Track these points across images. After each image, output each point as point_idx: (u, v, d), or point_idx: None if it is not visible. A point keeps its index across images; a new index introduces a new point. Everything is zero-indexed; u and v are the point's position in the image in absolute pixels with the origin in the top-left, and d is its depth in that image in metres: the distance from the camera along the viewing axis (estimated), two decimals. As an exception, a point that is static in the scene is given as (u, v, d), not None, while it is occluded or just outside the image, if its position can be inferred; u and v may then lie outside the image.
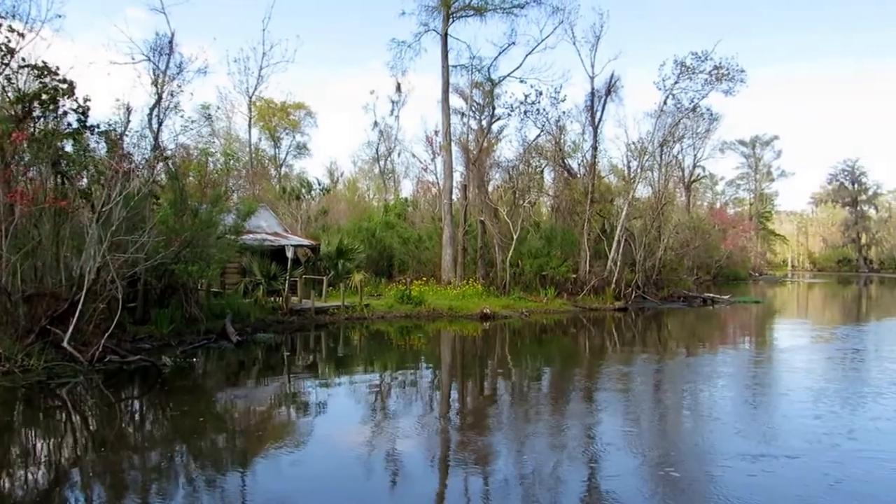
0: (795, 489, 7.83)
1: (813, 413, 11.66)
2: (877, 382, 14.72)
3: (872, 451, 9.28)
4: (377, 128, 61.82)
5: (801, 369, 16.91)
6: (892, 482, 8.16)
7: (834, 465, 8.69)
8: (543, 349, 21.92)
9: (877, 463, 8.77)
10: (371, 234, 38.24)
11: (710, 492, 7.80)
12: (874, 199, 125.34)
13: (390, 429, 10.98)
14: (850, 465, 8.71)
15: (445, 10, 34.63)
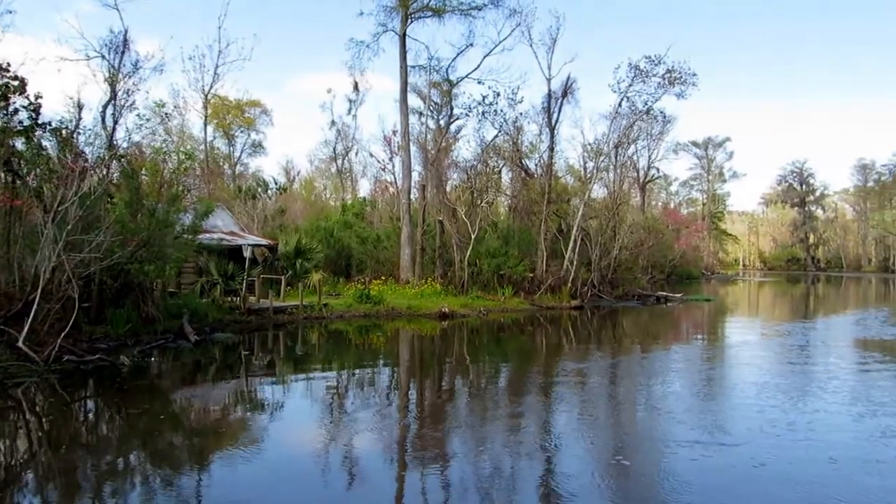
0: (728, 472, 8.52)
1: (758, 405, 12.34)
2: (820, 377, 15.58)
3: (806, 440, 9.98)
4: (334, 127, 61.90)
5: (748, 364, 17.80)
6: (814, 463, 8.86)
7: (769, 450, 9.39)
8: (501, 347, 22.50)
9: (806, 450, 9.48)
10: (329, 233, 38.33)
11: (654, 476, 8.47)
12: (821, 199, 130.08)
13: (348, 428, 11.09)
14: (783, 450, 9.42)
15: (404, 11, 34.98)
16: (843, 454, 9.19)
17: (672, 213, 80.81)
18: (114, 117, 21.36)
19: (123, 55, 22.49)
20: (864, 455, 9.19)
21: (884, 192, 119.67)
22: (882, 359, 19.11)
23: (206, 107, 44.01)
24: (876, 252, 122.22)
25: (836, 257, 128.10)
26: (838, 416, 11.50)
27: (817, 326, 28.81)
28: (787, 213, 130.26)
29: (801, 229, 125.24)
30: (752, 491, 7.85)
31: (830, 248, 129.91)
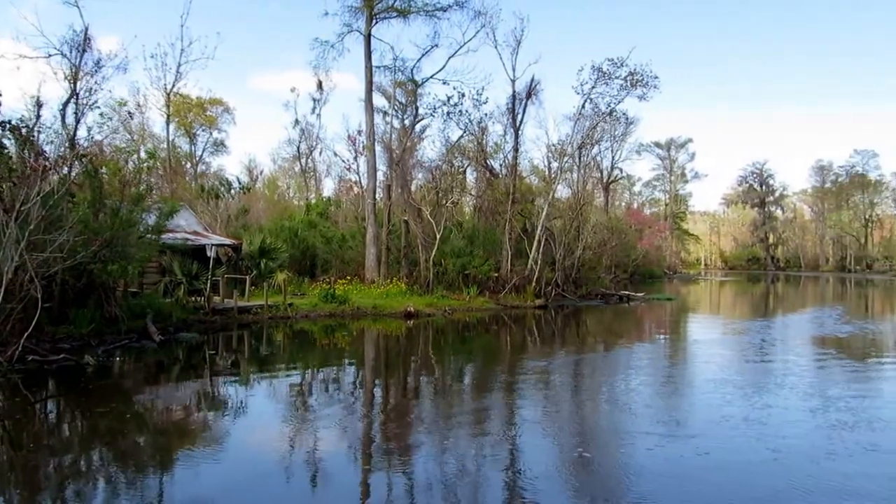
0: (681, 461, 9.12)
1: (715, 400, 12.95)
2: (776, 373, 16.40)
3: (756, 431, 10.56)
4: (298, 126, 61.84)
5: (708, 361, 18.57)
6: (760, 453, 9.43)
7: (721, 441, 10.03)
8: (466, 346, 23.01)
9: (756, 441, 10.04)
10: (293, 233, 38.43)
11: (613, 466, 9.10)
12: (781, 200, 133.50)
13: (313, 427, 11.22)
14: (734, 441, 10.04)
15: (368, 12, 35.27)
16: (790, 445, 9.76)
17: (635, 213, 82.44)
18: (76, 116, 21.30)
19: (84, 53, 22.40)
20: (811, 446, 9.73)
21: (840, 193, 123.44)
22: (836, 355, 19.98)
23: (169, 105, 43.69)
24: (833, 252, 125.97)
25: (794, 257, 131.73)
26: (792, 410, 12.05)
27: (775, 324, 29.86)
28: (747, 214, 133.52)
29: (761, 229, 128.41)
30: (700, 477, 8.49)
31: (789, 247, 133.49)
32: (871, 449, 9.62)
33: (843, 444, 9.84)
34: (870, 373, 16.94)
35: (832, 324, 28.69)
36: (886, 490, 7.97)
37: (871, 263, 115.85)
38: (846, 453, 9.39)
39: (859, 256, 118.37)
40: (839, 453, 9.39)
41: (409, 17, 36.25)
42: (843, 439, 10.07)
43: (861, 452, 9.45)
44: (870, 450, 9.58)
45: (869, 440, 10.02)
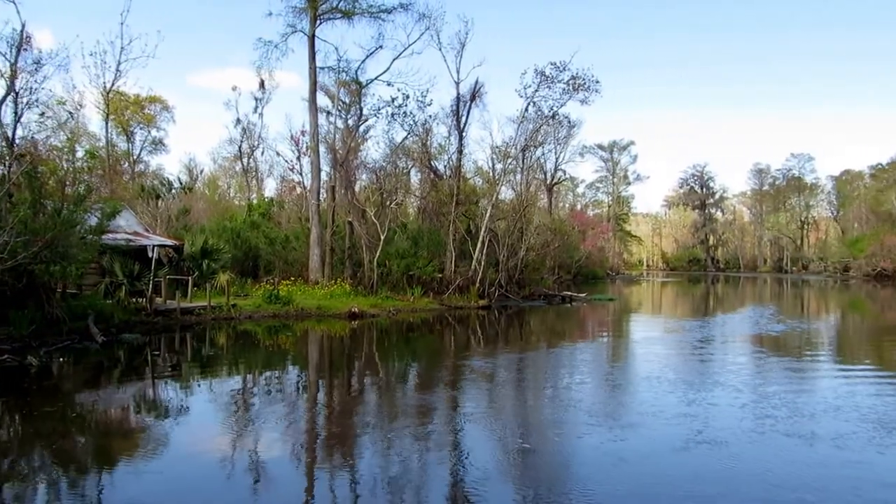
0: (615, 451, 9.96)
1: (652, 395, 13.94)
2: (712, 370, 17.78)
3: (688, 423, 11.56)
4: (240, 125, 61.76)
5: (646, 359, 19.79)
6: (688, 441, 10.47)
7: (654, 433, 10.99)
8: (411, 346, 23.90)
9: (685, 430, 11.06)
10: (236, 234, 38.68)
11: (551, 456, 10.08)
12: (720, 202, 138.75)
13: (255, 429, 11.33)
14: (666, 431, 11.01)
15: (313, 13, 35.81)
16: (717, 434, 10.75)
17: (578, 214, 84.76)
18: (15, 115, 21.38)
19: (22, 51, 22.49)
20: (736, 436, 10.70)
21: (778, 196, 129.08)
22: (768, 352, 21.63)
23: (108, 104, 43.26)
24: (771, 253, 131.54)
25: (734, 258, 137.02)
26: (725, 405, 12.95)
27: (712, 324, 31.47)
28: (688, 215, 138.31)
29: (702, 231, 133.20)
30: (633, 463, 9.42)
31: (729, 249, 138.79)
32: (788, 435, 10.75)
33: (766, 433, 10.89)
34: (797, 368, 18.31)
35: (765, 322, 30.64)
36: (806, 476, 8.87)
37: (806, 264, 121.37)
38: (768, 441, 10.41)
39: (796, 257, 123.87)
40: (762, 441, 10.40)
41: (354, 19, 36.95)
42: (767, 429, 11.13)
43: (782, 440, 10.50)
44: (789, 436, 10.71)
45: (791, 429, 11.07)
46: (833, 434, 10.74)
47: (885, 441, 10.43)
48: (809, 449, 10.07)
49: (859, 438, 10.55)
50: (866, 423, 11.49)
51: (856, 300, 54.09)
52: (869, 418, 11.78)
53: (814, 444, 10.26)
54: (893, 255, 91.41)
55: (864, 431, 10.93)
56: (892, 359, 21.42)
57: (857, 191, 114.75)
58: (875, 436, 10.69)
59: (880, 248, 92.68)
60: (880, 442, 10.39)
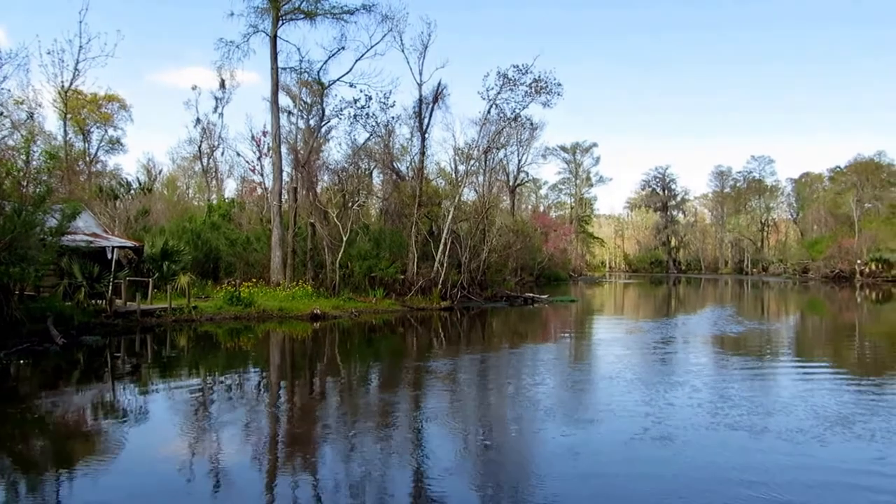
0: (571, 445, 10.69)
1: (612, 394, 14.71)
2: (672, 370, 18.68)
3: (644, 418, 12.36)
4: (200, 125, 61.63)
5: (607, 359, 20.65)
6: (643, 434, 11.27)
7: (609, 426, 11.82)
8: (373, 347, 24.47)
9: (641, 424, 11.87)
10: (196, 235, 38.81)
11: (511, 451, 10.82)
12: (682, 204, 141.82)
13: (216, 433, 11.41)
14: (623, 426, 11.78)
15: (275, 13, 36.21)
16: (672, 431, 11.44)
17: (541, 216, 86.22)
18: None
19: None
20: (688, 428, 11.54)
21: (739, 198, 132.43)
22: (727, 352, 22.70)
23: (66, 103, 43.00)
24: (732, 255, 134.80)
25: (695, 259, 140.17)
26: (682, 403, 13.64)
27: (673, 324, 32.64)
28: (650, 217, 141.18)
29: (664, 233, 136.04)
30: (585, 457, 10.17)
31: (690, 250, 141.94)
32: (736, 429, 11.65)
33: (718, 427, 11.71)
34: (755, 368, 19.24)
35: (725, 324, 31.83)
36: (749, 463, 9.76)
37: (766, 266, 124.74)
38: (719, 435, 11.24)
39: (756, 259, 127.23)
40: (712, 435, 11.22)
41: (316, 20, 37.41)
42: (719, 423, 11.97)
43: (732, 433, 11.35)
44: (737, 429, 11.60)
45: (742, 424, 11.92)
46: (782, 429, 11.54)
47: (829, 435, 11.24)
48: (756, 441, 10.89)
49: (807, 433, 11.33)
50: (817, 419, 12.30)
51: (814, 301, 56.11)
52: (820, 415, 12.58)
53: (761, 437, 11.10)
54: (850, 258, 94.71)
55: (813, 426, 11.71)
56: (848, 358, 22.61)
57: (816, 193, 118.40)
58: (823, 431, 11.47)
59: (838, 251, 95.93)
60: (824, 436, 11.20)
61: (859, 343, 26.88)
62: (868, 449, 10.50)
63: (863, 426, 11.72)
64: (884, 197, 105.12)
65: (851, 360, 22.21)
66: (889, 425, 11.81)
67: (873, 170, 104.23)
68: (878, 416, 12.47)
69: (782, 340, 27.27)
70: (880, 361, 21.79)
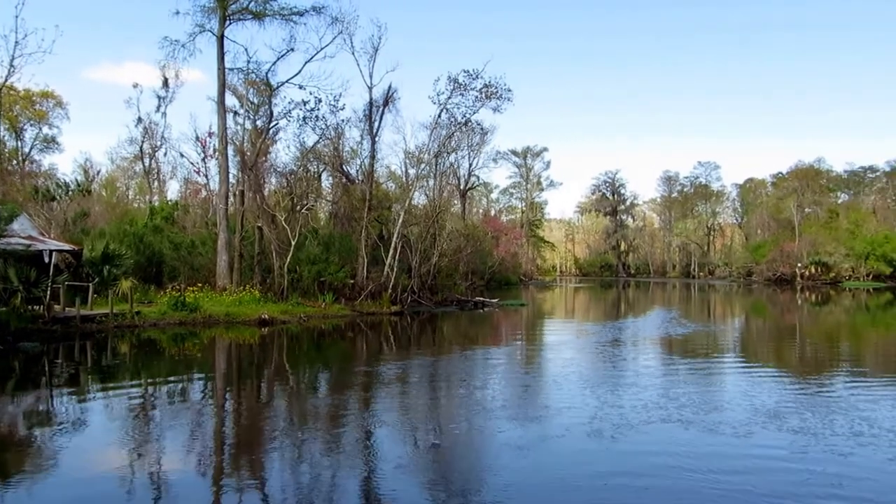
0: (515, 441, 11.29)
1: (559, 394, 15.29)
2: (619, 370, 19.50)
3: (588, 416, 12.89)
4: (141, 124, 60.45)
5: (555, 362, 21.36)
6: (581, 430, 11.98)
7: (553, 424, 12.41)
8: (322, 353, 24.65)
9: (586, 421, 12.51)
10: (138, 238, 38.17)
11: (459, 449, 11.25)
12: (631, 209, 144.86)
13: (157, 443, 11.20)
14: (564, 422, 12.41)
15: (221, 13, 35.86)
16: (612, 426, 12.12)
17: (492, 220, 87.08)
18: None
19: None
20: (630, 426, 12.12)
21: (686, 203, 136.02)
22: (672, 353, 23.73)
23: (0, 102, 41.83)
24: (679, 258, 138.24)
25: (644, 263, 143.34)
26: (625, 402, 14.31)
27: (621, 327, 33.75)
28: (600, 221, 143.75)
29: (613, 237, 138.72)
30: (529, 451, 10.74)
31: (640, 254, 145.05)
32: (669, 422, 12.47)
33: (654, 422, 12.42)
34: (699, 368, 20.21)
35: (672, 326, 33.09)
36: (675, 453, 10.54)
37: (713, 269, 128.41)
38: (654, 429, 11.97)
39: (703, 263, 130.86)
40: (648, 430, 11.92)
41: (265, 20, 37.18)
42: (655, 419, 12.67)
43: (666, 427, 12.14)
44: (670, 422, 12.42)
45: (679, 419, 12.69)
46: (714, 423, 12.34)
47: (757, 428, 12.05)
48: (685, 433, 11.69)
49: (738, 426, 12.13)
50: (749, 413, 13.15)
51: (756, 304, 58.23)
52: (755, 411, 13.37)
53: (689, 430, 11.90)
54: (791, 261, 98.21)
55: (744, 421, 12.53)
56: (786, 358, 23.80)
57: (760, 198, 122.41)
58: (753, 425, 12.22)
59: (780, 254, 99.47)
60: (751, 428, 11.99)
61: (799, 344, 28.19)
62: (789, 440, 11.24)
63: (791, 421, 12.45)
64: (822, 202, 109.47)
65: (790, 360, 23.35)
66: (815, 421, 12.53)
67: (813, 176, 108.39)
68: (810, 413, 13.22)
69: (726, 342, 28.47)
70: (818, 361, 22.97)
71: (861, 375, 19.24)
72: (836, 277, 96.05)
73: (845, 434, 11.58)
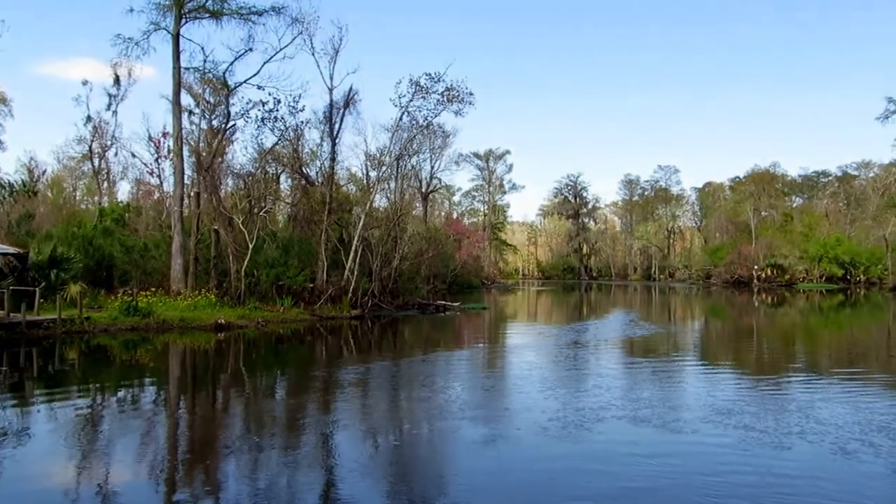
0: (474, 440, 11.55)
1: (518, 396, 15.73)
2: (579, 372, 19.92)
3: (542, 414, 13.26)
4: (91, 123, 59.03)
5: (516, 364, 21.72)
6: (535, 426, 12.39)
7: (509, 422, 12.89)
8: (280, 358, 24.40)
9: (537, 419, 12.90)
10: (88, 241, 37.18)
11: (416, 448, 11.51)
12: (593, 212, 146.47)
13: (105, 455, 10.92)
14: (526, 423, 12.67)
15: (177, 11, 35.21)
16: (561, 423, 12.54)
17: (454, 223, 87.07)
18: None
19: None
20: (581, 424, 12.58)
21: (647, 206, 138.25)
22: (632, 355, 24.36)
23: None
24: (640, 261, 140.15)
25: (606, 266, 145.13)
26: (583, 400, 14.83)
27: (582, 329, 34.29)
28: (562, 224, 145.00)
29: (576, 240, 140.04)
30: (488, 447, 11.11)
31: (601, 257, 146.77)
32: (612, 417, 12.95)
33: (605, 419, 12.89)
34: (658, 369, 20.65)
35: (632, 328, 33.89)
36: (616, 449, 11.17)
37: (673, 272, 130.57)
38: (605, 425, 12.46)
39: (663, 266, 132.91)
40: (597, 427, 12.37)
41: (222, 20, 36.62)
42: (608, 416, 13.14)
43: (616, 423, 12.61)
44: (620, 419, 12.89)
45: (629, 416, 13.17)
46: (663, 420, 12.84)
47: (702, 425, 12.49)
48: (636, 429, 12.25)
49: (685, 423, 12.64)
50: (701, 411, 13.64)
51: (715, 306, 59.51)
52: (704, 408, 13.89)
53: (638, 426, 12.42)
54: (749, 264, 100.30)
55: (692, 418, 13.01)
56: (743, 358, 24.57)
57: (718, 202, 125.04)
58: (700, 422, 12.69)
59: (737, 257, 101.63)
60: (698, 426, 12.42)
61: (755, 344, 29.05)
62: (738, 435, 11.73)
63: (742, 418, 12.92)
64: (778, 206, 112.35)
65: (746, 360, 24.08)
66: (765, 417, 13.04)
67: (769, 180, 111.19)
68: (761, 410, 13.74)
69: (685, 343, 29.19)
70: (774, 361, 23.72)
71: (814, 374, 19.98)
72: (790, 279, 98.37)
73: (791, 429, 12.08)
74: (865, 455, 10.53)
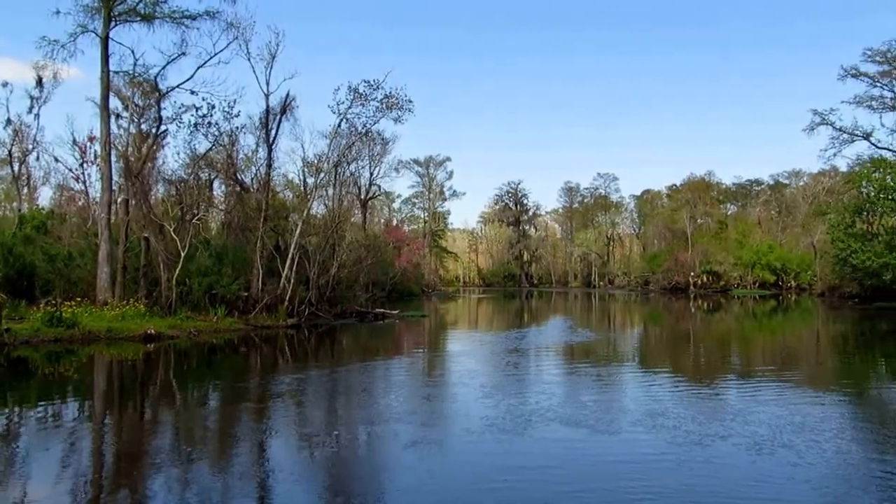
0: (410, 444, 11.83)
1: (455, 402, 16.11)
2: (516, 378, 20.41)
3: (477, 418, 13.66)
4: (10, 126, 57.05)
5: (454, 371, 22.10)
6: (470, 430, 12.82)
7: (444, 426, 13.35)
8: (212, 368, 24.13)
9: (472, 422, 13.33)
10: (7, 249, 36.01)
11: (353, 452, 11.74)
12: (534, 219, 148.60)
13: (21, 475, 10.36)
14: (463, 427, 13.05)
15: (106, 13, 34.36)
16: (493, 427, 12.95)
17: (394, 230, 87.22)
18: None
19: None
20: (514, 427, 12.99)
21: (587, 213, 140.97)
22: (569, 360, 25.06)
23: None
24: (580, 268, 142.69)
25: (546, 273, 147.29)
26: (518, 404, 15.25)
27: (522, 336, 34.84)
28: (503, 232, 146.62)
29: (516, 247, 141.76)
30: (421, 449, 11.49)
31: (542, 264, 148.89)
32: (554, 421, 13.33)
33: (540, 422, 13.35)
34: (594, 373, 21.31)
35: (571, 335, 34.81)
36: (548, 450, 11.54)
37: (612, 279, 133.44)
38: (537, 428, 12.90)
39: (603, 273, 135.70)
40: (531, 430, 12.80)
41: (154, 23, 35.94)
42: (540, 419, 13.60)
43: (549, 426, 13.08)
44: (554, 422, 13.29)
45: (562, 419, 13.66)
46: (594, 423, 13.40)
47: (633, 428, 13.00)
48: (572, 431, 12.74)
49: (614, 425, 13.23)
50: (631, 413, 14.29)
51: (653, 312, 61.19)
52: (643, 412, 14.38)
53: (579, 430, 12.86)
54: (685, 270, 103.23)
55: (621, 421, 13.59)
56: (679, 363, 25.41)
57: (656, 209, 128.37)
58: (626, 425, 13.24)
59: (674, 264, 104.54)
60: (622, 429, 12.98)
61: (691, 349, 30.10)
62: (668, 436, 12.27)
63: (672, 420, 13.47)
64: (713, 213, 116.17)
65: (682, 364, 24.94)
66: (696, 419, 13.62)
67: (704, 188, 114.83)
68: (693, 412, 14.35)
69: (622, 349, 30.10)
70: (709, 365, 24.78)
71: (746, 377, 20.88)
72: (725, 286, 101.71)
73: (719, 430, 12.63)
74: (783, 451, 11.14)
